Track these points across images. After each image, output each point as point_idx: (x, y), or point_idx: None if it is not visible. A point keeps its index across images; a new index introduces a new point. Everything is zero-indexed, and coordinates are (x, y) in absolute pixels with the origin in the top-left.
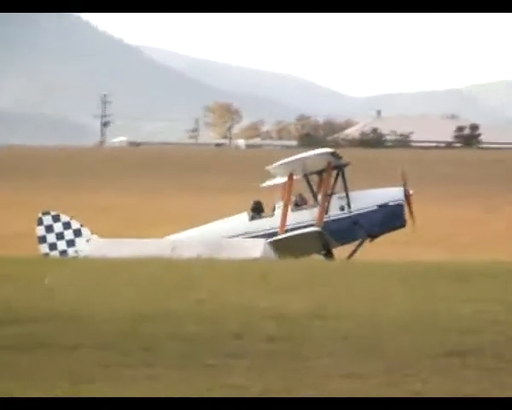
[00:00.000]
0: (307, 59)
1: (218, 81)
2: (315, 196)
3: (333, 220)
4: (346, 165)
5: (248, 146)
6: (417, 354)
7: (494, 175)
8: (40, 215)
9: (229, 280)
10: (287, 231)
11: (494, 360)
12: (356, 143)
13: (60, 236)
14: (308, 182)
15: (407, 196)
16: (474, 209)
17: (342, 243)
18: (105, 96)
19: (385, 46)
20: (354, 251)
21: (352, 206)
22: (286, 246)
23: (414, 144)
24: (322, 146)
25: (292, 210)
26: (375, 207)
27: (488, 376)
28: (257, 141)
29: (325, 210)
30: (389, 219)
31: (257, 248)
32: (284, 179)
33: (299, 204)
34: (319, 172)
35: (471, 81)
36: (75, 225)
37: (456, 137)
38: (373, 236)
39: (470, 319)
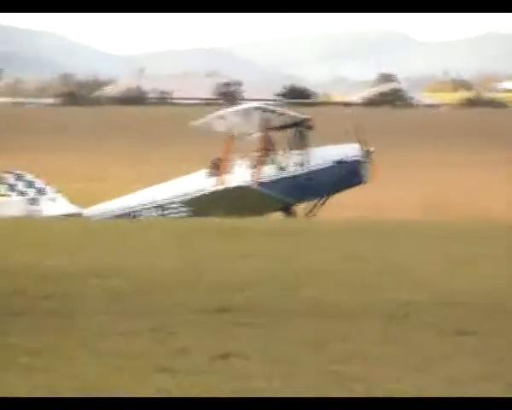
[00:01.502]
0: (70, 16)
1: None
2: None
3: (287, 177)
4: (304, 121)
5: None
6: (185, 311)
7: None
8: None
9: (7, 239)
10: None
11: (264, 317)
12: (117, 100)
13: (22, 194)
14: (263, 138)
15: (368, 153)
16: None
17: (299, 201)
18: None
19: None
20: (313, 208)
21: (308, 162)
22: (216, 201)
23: (176, 102)
24: (87, 104)
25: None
26: (332, 164)
27: (257, 332)
28: (18, 99)
29: (279, 167)
30: (346, 175)
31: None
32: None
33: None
34: (279, 128)
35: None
36: (39, 184)
37: (220, 93)
38: (330, 193)
39: (242, 275)
